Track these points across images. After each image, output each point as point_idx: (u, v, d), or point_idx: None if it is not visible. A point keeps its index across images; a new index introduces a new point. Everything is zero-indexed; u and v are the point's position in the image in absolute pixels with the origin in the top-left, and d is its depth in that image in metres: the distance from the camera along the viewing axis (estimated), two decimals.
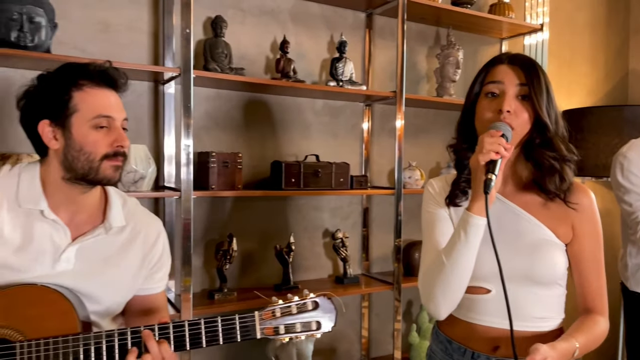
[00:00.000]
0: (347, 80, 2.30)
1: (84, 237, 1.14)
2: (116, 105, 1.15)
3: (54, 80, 1.11)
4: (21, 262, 1.06)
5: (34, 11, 1.64)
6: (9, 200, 1.09)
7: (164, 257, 1.29)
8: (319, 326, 1.16)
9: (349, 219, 2.50)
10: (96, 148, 1.10)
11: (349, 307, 2.53)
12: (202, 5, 2.08)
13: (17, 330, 1.00)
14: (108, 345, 1.02)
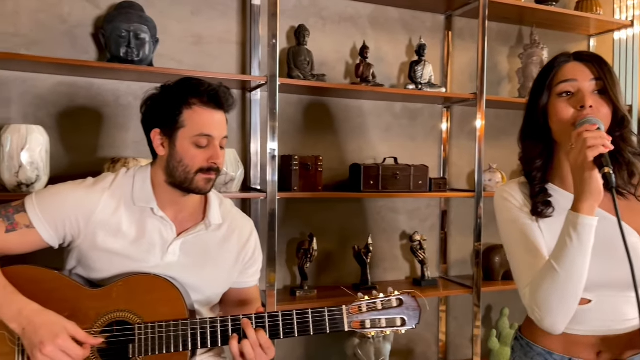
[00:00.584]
0: (426, 83, 2.31)
1: (187, 232, 1.26)
2: (219, 124, 1.24)
3: (171, 94, 1.23)
4: (137, 253, 1.20)
5: (140, 29, 1.81)
6: (126, 199, 1.22)
7: (256, 254, 1.39)
8: (403, 323, 1.20)
9: (427, 222, 2.51)
10: (193, 162, 1.21)
11: (426, 309, 2.53)
12: (286, 15, 2.19)
13: (135, 314, 1.13)
14: (212, 330, 1.13)
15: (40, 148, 1.64)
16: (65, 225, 1.17)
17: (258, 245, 1.41)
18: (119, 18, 1.80)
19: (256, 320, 1.14)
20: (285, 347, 2.24)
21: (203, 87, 1.22)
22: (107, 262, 1.18)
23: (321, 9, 2.26)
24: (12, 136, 1.60)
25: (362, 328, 1.19)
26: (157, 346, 1.11)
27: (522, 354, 1.27)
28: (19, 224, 1.14)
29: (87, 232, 1.18)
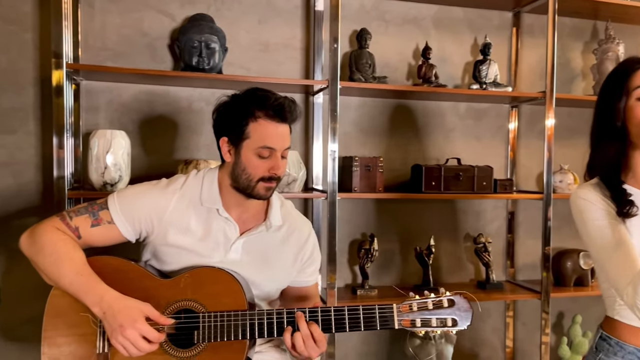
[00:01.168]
0: (491, 82, 2.27)
1: (249, 232, 1.35)
2: (282, 137, 1.29)
3: (239, 105, 1.30)
4: (203, 249, 1.30)
5: (210, 39, 1.94)
6: (194, 200, 1.33)
7: (314, 255, 1.45)
8: (454, 323, 1.21)
9: (493, 224, 2.46)
10: (256, 171, 1.28)
11: (492, 313, 2.48)
12: (349, 19, 2.24)
13: (200, 303, 1.23)
14: (268, 322, 1.21)
15: (122, 151, 1.81)
16: (141, 223, 1.30)
17: (316, 246, 1.47)
18: (192, 30, 1.94)
19: (309, 314, 1.21)
20: (347, 345, 2.29)
21: (269, 100, 1.27)
22: (176, 257, 1.29)
23: (384, 12, 2.29)
24: (99, 140, 1.78)
25: (413, 326, 1.22)
26: (219, 334, 1.20)
27: (611, 353, 1.27)
28: (102, 219, 1.28)
29: (160, 229, 1.30)
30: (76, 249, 1.23)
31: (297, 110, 1.32)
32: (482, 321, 2.47)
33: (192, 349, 1.21)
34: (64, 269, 1.18)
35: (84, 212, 1.28)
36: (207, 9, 2.07)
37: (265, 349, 1.38)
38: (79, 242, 1.26)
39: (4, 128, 1.88)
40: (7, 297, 1.82)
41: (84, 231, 1.26)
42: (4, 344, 1.90)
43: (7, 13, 1.87)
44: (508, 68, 2.45)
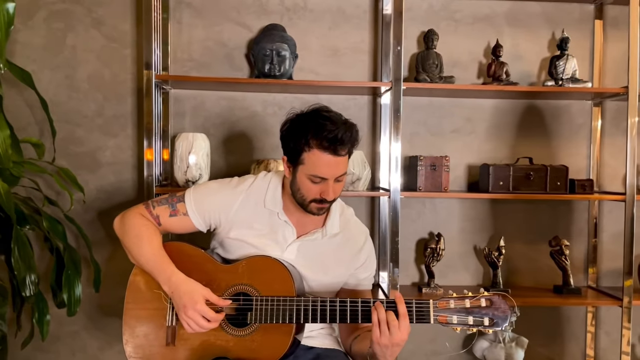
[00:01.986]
0: (569, 78, 2.17)
1: (306, 236, 1.45)
2: (334, 167, 1.33)
3: (298, 129, 1.35)
4: (262, 245, 1.43)
5: (281, 47, 2.09)
6: (259, 201, 1.46)
7: (367, 262, 1.53)
8: (491, 323, 1.22)
9: (573, 226, 2.35)
10: (308, 194, 1.37)
11: (571, 320, 2.36)
12: (417, 20, 2.27)
13: (254, 288, 1.37)
14: (313, 309, 1.31)
15: (202, 152, 2.01)
16: (211, 217, 1.47)
17: (371, 254, 1.54)
18: (264, 39, 2.10)
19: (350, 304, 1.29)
20: (414, 343, 2.32)
21: (324, 131, 1.30)
22: (238, 248, 1.44)
23: (454, 12, 2.29)
24: (182, 142, 2.00)
25: (448, 323, 1.24)
26: (269, 316, 1.32)
27: None
28: (179, 211, 1.46)
29: (226, 224, 1.46)
30: (155, 234, 1.42)
31: (352, 142, 1.34)
32: (560, 327, 2.36)
33: (246, 328, 1.35)
34: (144, 249, 1.38)
35: (165, 203, 1.47)
36: (280, 19, 2.23)
37: (316, 335, 1.49)
38: (159, 229, 1.46)
39: (108, 132, 2.18)
40: (109, 279, 2.10)
41: (163, 220, 1.46)
42: (105, 318, 2.20)
43: (110, 32, 2.16)
44: (590, 63, 2.32)
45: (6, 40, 1.39)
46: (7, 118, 1.67)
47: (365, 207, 2.31)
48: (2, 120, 1.62)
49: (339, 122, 1.33)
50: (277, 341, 1.32)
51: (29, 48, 2.12)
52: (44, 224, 1.73)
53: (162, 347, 1.38)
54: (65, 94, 2.15)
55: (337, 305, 1.30)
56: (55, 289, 1.80)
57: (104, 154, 2.17)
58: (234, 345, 1.34)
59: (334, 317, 1.30)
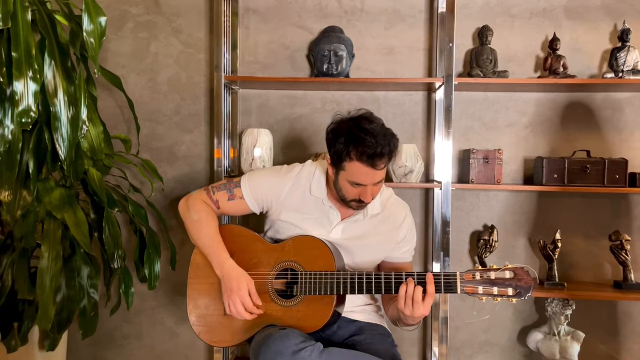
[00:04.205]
0: (630, 70, 2.13)
1: (349, 218, 1.61)
2: (372, 177, 1.45)
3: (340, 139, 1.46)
4: (309, 227, 1.59)
5: (338, 47, 2.23)
6: (305, 187, 1.62)
7: (407, 236, 1.67)
8: (515, 293, 1.29)
9: (637, 221, 2.29)
10: (348, 194, 1.52)
11: (633, 317, 2.31)
12: (473, 17, 2.32)
13: (299, 264, 1.53)
14: (351, 281, 1.45)
15: (266, 145, 2.20)
16: (263, 201, 1.65)
17: (411, 229, 1.68)
18: (322, 40, 2.25)
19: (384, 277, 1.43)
20: (468, 332, 2.37)
21: (364, 145, 1.41)
22: (287, 229, 1.61)
23: (510, 7, 2.32)
24: (248, 137, 2.20)
25: (475, 293, 1.32)
26: (312, 289, 1.48)
27: None
28: (236, 195, 1.66)
29: (276, 207, 1.63)
30: (214, 219, 1.63)
31: (392, 151, 1.45)
32: (621, 324, 2.31)
33: (293, 299, 1.51)
34: (202, 232, 1.59)
35: (223, 189, 1.67)
36: (338, 21, 2.37)
37: (360, 310, 1.61)
38: (218, 212, 1.66)
39: (184, 129, 2.43)
40: (183, 260, 2.35)
41: (222, 203, 1.66)
42: (180, 297, 2.45)
43: (187, 39, 2.41)
44: None
45: (99, 48, 1.64)
46: (100, 116, 1.95)
47: (420, 199, 2.39)
48: (97, 118, 1.90)
49: (379, 135, 1.42)
50: (319, 311, 1.46)
51: (119, 55, 2.42)
52: (130, 208, 1.99)
53: (220, 317, 1.58)
54: (148, 95, 2.43)
55: (372, 278, 1.42)
56: (138, 265, 2.06)
57: (180, 148, 2.43)
58: (283, 315, 1.50)
59: (370, 289, 1.43)
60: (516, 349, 2.37)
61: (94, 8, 1.62)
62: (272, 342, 1.33)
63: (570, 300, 2.15)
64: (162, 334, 2.46)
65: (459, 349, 2.39)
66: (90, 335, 1.93)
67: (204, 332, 1.59)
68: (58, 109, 1.60)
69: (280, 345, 1.31)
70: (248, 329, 1.52)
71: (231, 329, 1.55)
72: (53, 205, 1.62)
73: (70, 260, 1.78)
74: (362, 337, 1.52)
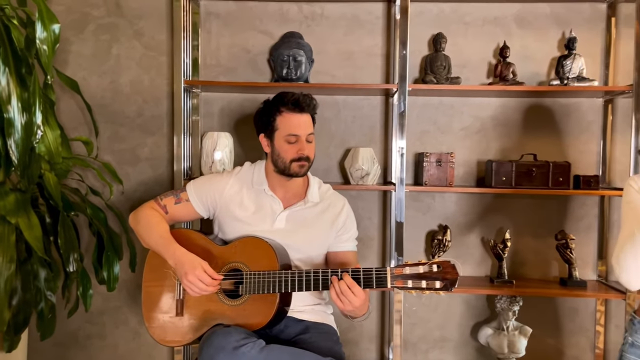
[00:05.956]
0: (575, 77, 2.23)
1: (291, 207, 1.71)
2: (304, 125, 1.66)
3: (268, 106, 1.70)
4: (254, 221, 1.68)
5: (297, 53, 2.28)
6: (247, 183, 1.74)
7: (347, 224, 1.76)
8: (442, 286, 1.36)
9: (582, 221, 2.40)
10: (287, 155, 1.66)
11: (580, 313, 2.42)
12: (429, 24, 2.40)
13: (245, 264, 1.59)
14: (292, 280, 1.51)
15: (226, 149, 2.25)
16: (208, 200, 1.73)
17: (349, 217, 1.78)
18: (282, 46, 2.30)
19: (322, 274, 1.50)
20: (424, 327, 2.46)
21: (287, 97, 1.66)
22: (233, 227, 1.68)
23: (464, 15, 2.40)
24: (208, 140, 2.24)
25: (404, 287, 1.39)
26: (256, 288, 1.54)
27: (634, 331, 1.44)
28: (182, 199, 1.74)
29: (221, 204, 1.72)
30: (163, 221, 1.70)
31: (313, 102, 1.70)
32: (567, 320, 2.43)
33: (239, 299, 1.58)
34: (153, 233, 1.64)
35: (170, 195, 1.76)
36: (299, 26, 2.42)
37: (309, 310, 1.68)
38: (167, 217, 1.72)
39: (147, 131, 2.45)
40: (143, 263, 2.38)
41: (170, 208, 1.73)
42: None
43: (149, 42, 2.43)
44: (602, 61, 2.37)
45: (52, 56, 1.67)
46: (61, 119, 1.98)
47: (378, 200, 2.47)
48: (54, 122, 1.92)
49: (297, 92, 1.69)
50: (264, 309, 1.53)
51: (80, 57, 2.43)
52: (88, 211, 2.02)
53: (172, 317, 1.64)
54: (110, 97, 2.44)
55: (311, 275, 1.50)
56: (97, 268, 2.09)
57: (143, 150, 2.45)
58: (230, 314, 1.56)
59: (309, 286, 1.50)
60: (469, 344, 2.46)
61: (48, 15, 1.64)
62: (214, 338, 1.40)
63: (517, 297, 2.25)
64: (125, 334, 2.49)
65: (416, 344, 2.48)
66: (48, 336, 1.96)
67: (157, 333, 1.64)
68: (12, 115, 1.63)
69: (222, 341, 1.37)
70: (197, 328, 1.58)
71: (182, 329, 1.61)
72: (7, 210, 1.65)
73: (26, 264, 1.81)
74: (307, 335, 1.59)
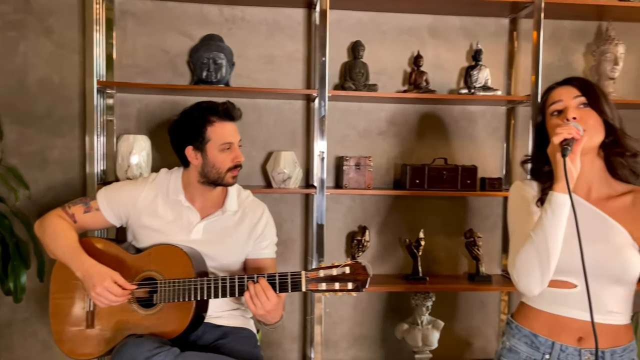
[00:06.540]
0: (481, 86, 2.40)
1: (209, 217, 1.68)
2: (234, 132, 1.67)
3: (194, 118, 1.65)
4: (170, 230, 1.64)
5: (218, 56, 2.27)
6: (162, 191, 1.69)
7: (266, 231, 1.75)
8: (354, 287, 1.42)
9: (488, 220, 2.58)
10: (223, 165, 1.64)
11: (486, 305, 2.61)
12: (348, 32, 2.47)
13: (159, 273, 1.56)
14: (208, 287, 1.50)
15: (143, 152, 2.19)
16: (120, 209, 1.68)
17: (269, 225, 1.77)
18: (202, 48, 2.28)
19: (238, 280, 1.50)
20: (345, 326, 2.54)
21: (218, 107, 1.64)
22: (148, 237, 1.65)
23: (380, 24, 2.50)
24: (124, 143, 2.17)
25: (318, 290, 1.44)
26: (171, 296, 1.52)
27: (511, 335, 1.44)
28: (92, 207, 1.68)
29: (134, 214, 1.67)
30: (70, 230, 1.62)
31: (239, 112, 1.70)
32: (476, 312, 2.60)
33: (153, 308, 1.55)
34: (59, 242, 1.57)
35: (79, 203, 1.68)
36: (220, 29, 2.40)
37: (227, 315, 1.69)
38: (75, 226, 1.65)
39: (56, 133, 2.33)
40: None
41: (79, 217, 1.66)
42: None
43: (59, 40, 2.31)
44: (505, 72, 2.56)
45: None
46: None
47: (301, 203, 2.51)
48: None
49: (220, 102, 1.68)
50: (180, 317, 1.52)
51: None
52: None
53: (82, 329, 1.58)
54: (17, 97, 2.30)
55: (227, 281, 1.50)
56: (2, 278, 1.96)
57: (53, 152, 2.33)
58: (145, 323, 1.54)
59: (225, 293, 1.50)
60: (388, 340, 2.57)
61: None
62: (126, 349, 1.37)
63: (430, 293, 2.38)
64: (35, 346, 2.36)
65: (337, 342, 2.55)
66: None
67: (67, 347, 1.58)
68: None
69: (134, 352, 1.35)
70: (110, 340, 1.54)
71: (93, 342, 1.56)
72: None
73: None
74: (226, 340, 1.59)
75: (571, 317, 1.33)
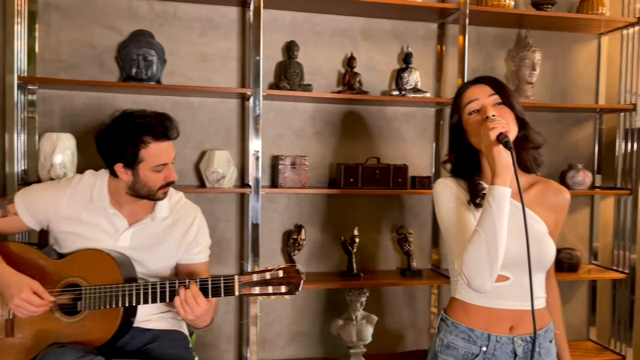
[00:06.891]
0: (411, 88, 2.48)
1: (137, 224, 1.61)
2: (169, 150, 1.56)
3: (126, 136, 1.50)
4: (95, 237, 1.57)
5: (148, 52, 2.21)
6: (86, 196, 1.60)
7: (199, 236, 1.71)
8: (287, 290, 1.43)
9: (419, 217, 2.68)
10: (156, 183, 1.55)
11: (417, 299, 2.71)
12: (282, 32, 2.48)
13: (84, 279, 1.50)
14: (137, 293, 1.46)
15: (67, 151, 2.09)
16: (40, 214, 1.59)
17: (201, 230, 1.72)
18: (131, 44, 2.21)
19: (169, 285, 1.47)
20: (282, 324, 2.55)
21: (154, 126, 1.51)
22: (71, 242, 1.57)
23: (315, 25, 2.53)
24: (46, 142, 2.06)
25: (251, 294, 1.44)
26: (96, 303, 1.47)
27: (447, 332, 1.46)
28: (9, 212, 1.57)
29: (56, 219, 1.58)
30: None
31: (177, 129, 1.59)
32: (408, 305, 2.70)
33: (77, 315, 1.49)
34: None
35: None
36: (150, 25, 2.34)
37: (156, 318, 1.65)
38: None
39: None
40: None
41: None
42: None
43: None
44: (434, 75, 2.66)
45: None
46: None
47: (236, 203, 2.49)
48: None
49: (155, 116, 1.55)
50: (106, 324, 1.47)
51: None
52: None
53: (2, 338, 1.49)
54: None
55: (157, 287, 1.46)
56: None
57: None
58: (68, 331, 1.47)
59: (155, 299, 1.46)
60: (324, 337, 2.61)
61: None
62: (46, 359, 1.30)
63: (364, 289, 2.44)
64: None
65: (273, 341, 2.56)
66: None
67: None
68: None
69: None
70: (32, 349, 1.45)
71: (13, 351, 1.46)
72: None
73: None
74: (155, 344, 1.55)
75: (505, 308, 1.39)
